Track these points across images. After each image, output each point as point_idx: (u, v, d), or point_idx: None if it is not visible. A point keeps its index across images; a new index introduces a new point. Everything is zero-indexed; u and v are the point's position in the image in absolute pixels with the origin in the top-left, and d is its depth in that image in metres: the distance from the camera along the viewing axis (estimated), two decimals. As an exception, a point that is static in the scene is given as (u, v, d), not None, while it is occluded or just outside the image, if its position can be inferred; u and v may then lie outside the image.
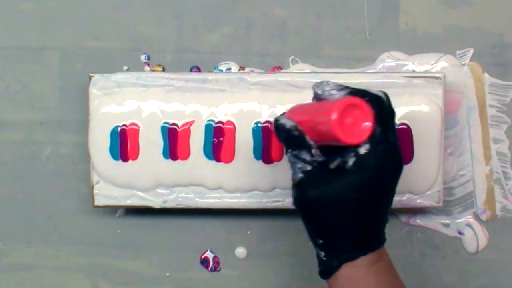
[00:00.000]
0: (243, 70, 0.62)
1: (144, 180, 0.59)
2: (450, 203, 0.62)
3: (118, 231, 0.64)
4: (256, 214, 0.62)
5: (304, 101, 0.58)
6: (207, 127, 0.58)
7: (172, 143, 0.58)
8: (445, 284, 0.62)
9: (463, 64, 0.61)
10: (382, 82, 0.58)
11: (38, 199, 0.64)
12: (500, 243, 0.62)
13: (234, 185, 0.59)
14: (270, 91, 0.58)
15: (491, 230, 0.62)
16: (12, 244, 0.64)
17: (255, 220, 0.63)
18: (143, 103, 0.58)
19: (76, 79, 0.62)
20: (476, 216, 0.62)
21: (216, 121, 0.58)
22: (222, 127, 0.58)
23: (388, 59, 0.61)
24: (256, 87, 0.58)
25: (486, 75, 0.61)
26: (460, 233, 0.62)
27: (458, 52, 0.61)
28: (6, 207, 0.64)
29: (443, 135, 0.58)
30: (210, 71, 0.62)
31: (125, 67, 0.62)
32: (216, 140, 0.58)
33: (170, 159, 0.59)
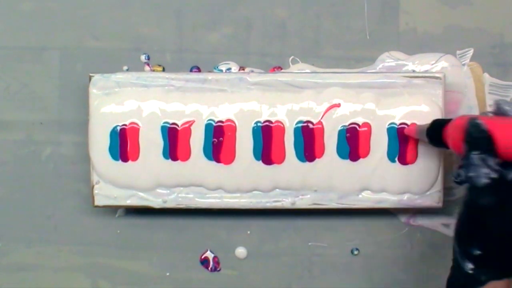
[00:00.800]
0: (243, 70, 0.62)
1: (144, 180, 0.59)
2: (450, 203, 0.62)
3: (118, 231, 0.64)
4: (256, 214, 0.62)
5: (304, 101, 0.58)
6: (207, 127, 0.58)
7: (172, 143, 0.58)
8: (445, 284, 0.62)
9: (463, 64, 0.61)
10: (382, 82, 0.58)
11: (38, 199, 0.64)
12: (500, 243, 0.62)
13: (234, 185, 0.59)
14: (270, 91, 0.58)
15: (491, 230, 0.62)
16: (12, 244, 0.64)
17: (255, 220, 0.63)
18: (143, 103, 0.58)
19: (76, 79, 0.62)
20: (476, 216, 0.62)
21: (216, 120, 0.58)
22: (222, 126, 0.58)
23: (388, 59, 0.61)
24: (256, 87, 0.58)
25: (486, 75, 0.61)
26: (460, 233, 0.62)
27: (458, 52, 0.61)
28: (6, 207, 0.64)
29: (443, 135, 0.58)
30: (210, 71, 0.62)
31: (125, 67, 0.62)
32: (216, 140, 0.58)
33: (170, 159, 0.59)
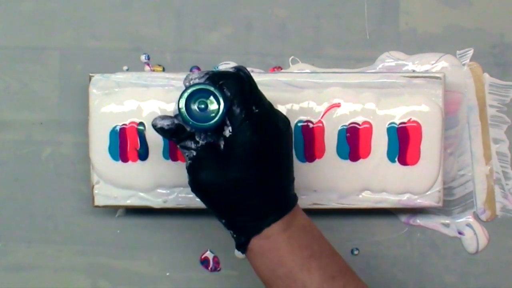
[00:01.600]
0: (243, 70, 0.62)
1: (144, 181, 0.59)
2: (450, 203, 0.62)
3: (118, 231, 0.64)
4: (256, 214, 0.62)
5: (303, 101, 0.58)
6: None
7: (172, 142, 0.58)
8: (445, 284, 0.62)
9: (463, 64, 0.61)
10: (382, 82, 0.58)
11: (38, 199, 0.64)
12: (500, 243, 0.62)
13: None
14: (270, 91, 0.58)
15: (491, 230, 0.62)
16: (12, 244, 0.64)
17: (255, 220, 0.63)
18: (143, 103, 0.58)
19: (76, 79, 0.62)
20: (476, 216, 0.62)
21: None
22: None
23: (388, 59, 0.61)
24: (256, 87, 0.58)
25: (486, 75, 0.61)
26: (460, 233, 0.62)
27: (458, 52, 0.61)
28: (6, 207, 0.64)
29: (443, 135, 0.58)
30: (210, 71, 0.62)
31: (125, 67, 0.62)
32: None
33: (170, 160, 0.59)
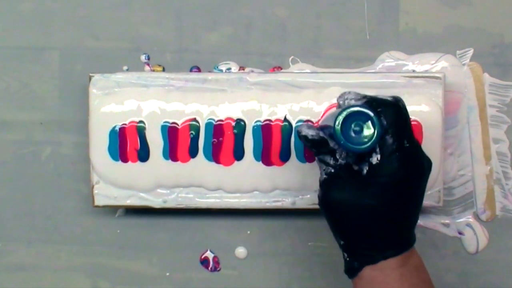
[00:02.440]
0: (243, 70, 0.62)
1: (144, 181, 0.59)
2: (450, 203, 0.62)
3: (118, 231, 0.64)
4: (256, 214, 0.62)
5: (303, 101, 0.58)
6: (207, 126, 0.58)
7: (172, 142, 0.58)
8: (445, 284, 0.62)
9: (463, 64, 0.61)
10: (382, 82, 0.58)
11: (38, 199, 0.64)
12: (500, 243, 0.62)
13: (234, 186, 0.59)
14: (270, 91, 0.58)
15: (491, 230, 0.62)
16: (12, 244, 0.64)
17: (255, 220, 0.63)
18: (143, 103, 0.58)
19: (76, 79, 0.62)
20: (476, 216, 0.62)
21: (216, 119, 0.58)
22: (222, 124, 0.58)
23: (388, 59, 0.61)
24: (256, 87, 0.58)
25: (486, 75, 0.61)
26: (460, 233, 0.62)
27: (458, 52, 0.61)
28: (6, 207, 0.64)
29: (443, 135, 0.58)
30: (210, 71, 0.62)
31: (125, 67, 0.62)
32: (215, 141, 0.58)
33: (170, 160, 0.59)
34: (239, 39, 0.62)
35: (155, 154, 0.59)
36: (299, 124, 0.58)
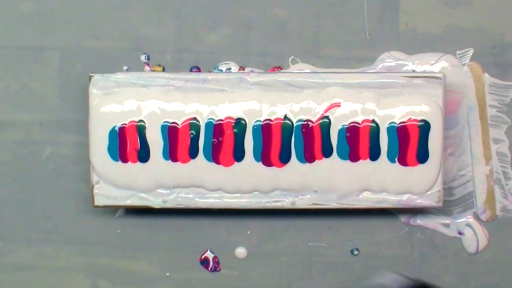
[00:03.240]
0: (243, 70, 0.62)
1: (144, 181, 0.59)
2: (450, 203, 0.62)
3: (118, 231, 0.64)
4: (256, 214, 0.62)
5: (303, 101, 0.58)
6: (207, 126, 0.58)
7: (172, 142, 0.58)
8: (445, 284, 0.62)
9: (463, 64, 0.61)
10: (382, 82, 0.58)
11: (38, 199, 0.64)
12: (500, 243, 0.62)
13: (234, 186, 0.59)
14: (270, 91, 0.58)
15: (491, 230, 0.62)
16: (12, 244, 0.64)
17: (255, 220, 0.63)
18: (143, 103, 0.58)
19: (76, 79, 0.62)
20: (476, 216, 0.62)
21: (216, 119, 0.58)
22: (221, 124, 0.58)
23: (388, 59, 0.61)
24: (256, 87, 0.58)
25: (486, 75, 0.61)
26: (460, 233, 0.62)
27: (458, 52, 0.61)
28: (6, 207, 0.64)
29: (443, 135, 0.58)
30: (210, 71, 0.62)
31: (125, 67, 0.62)
32: (215, 141, 0.58)
33: (170, 160, 0.59)
34: (239, 39, 0.62)
35: (155, 154, 0.59)
36: (299, 123, 0.58)
